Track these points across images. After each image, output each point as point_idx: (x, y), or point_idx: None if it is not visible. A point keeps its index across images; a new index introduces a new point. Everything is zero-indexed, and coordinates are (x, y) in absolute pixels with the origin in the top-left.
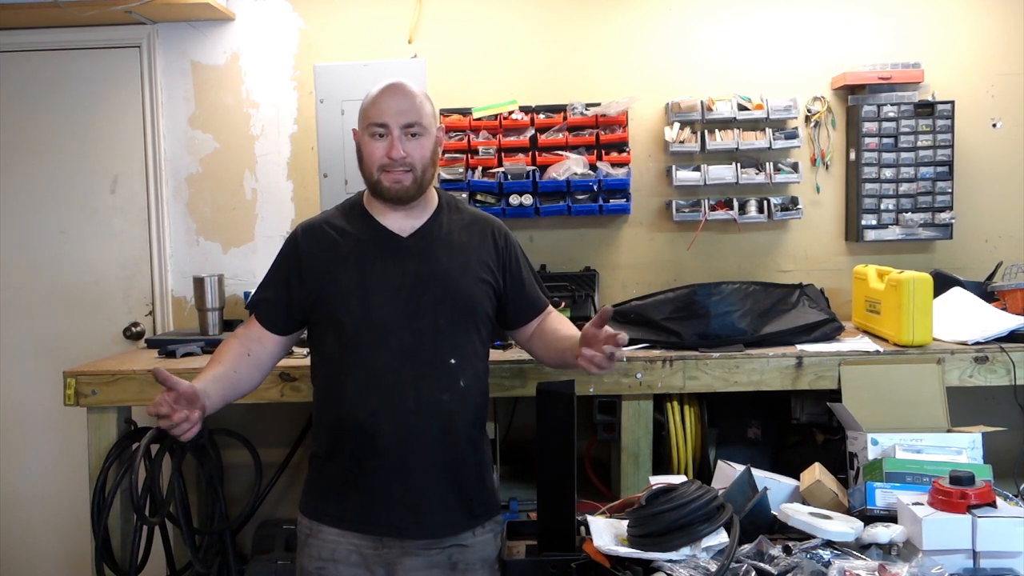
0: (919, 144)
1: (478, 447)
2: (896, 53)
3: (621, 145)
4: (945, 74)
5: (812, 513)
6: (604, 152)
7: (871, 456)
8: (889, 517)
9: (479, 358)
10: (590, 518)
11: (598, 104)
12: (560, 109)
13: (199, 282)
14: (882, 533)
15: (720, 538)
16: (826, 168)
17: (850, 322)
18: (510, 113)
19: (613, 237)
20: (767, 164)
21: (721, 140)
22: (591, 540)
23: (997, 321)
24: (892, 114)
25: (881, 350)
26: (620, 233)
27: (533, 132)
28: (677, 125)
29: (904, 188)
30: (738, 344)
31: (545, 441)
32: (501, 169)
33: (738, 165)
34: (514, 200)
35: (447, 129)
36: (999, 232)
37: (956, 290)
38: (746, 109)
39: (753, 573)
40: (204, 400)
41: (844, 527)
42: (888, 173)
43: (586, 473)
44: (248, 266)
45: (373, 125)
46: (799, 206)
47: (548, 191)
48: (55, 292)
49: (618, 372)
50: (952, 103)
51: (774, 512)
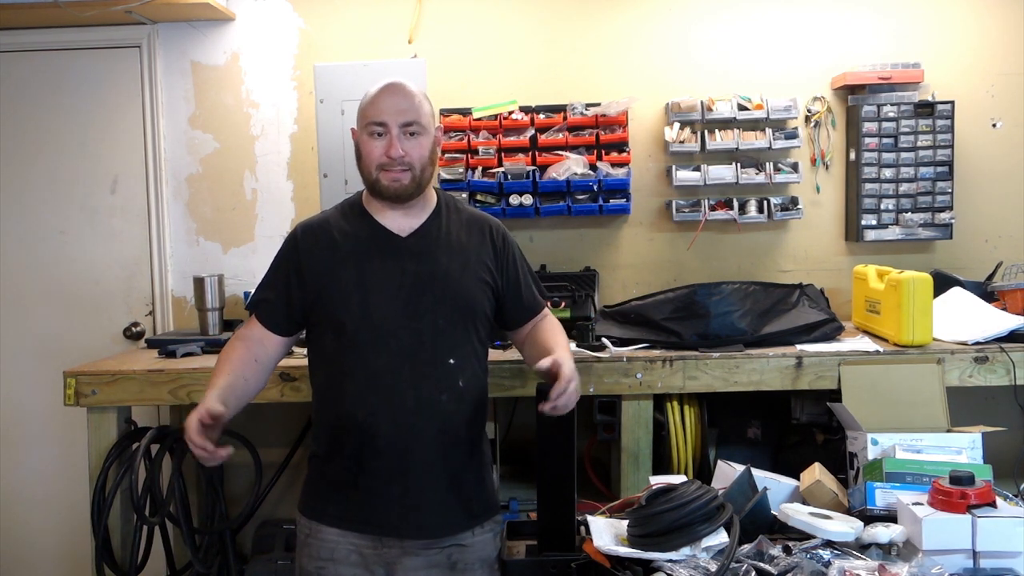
0: (919, 144)
1: (477, 447)
2: (896, 53)
3: (621, 145)
4: (945, 74)
5: (812, 513)
6: (604, 152)
7: (871, 456)
8: (889, 517)
9: (478, 358)
10: (590, 518)
11: (598, 104)
12: (560, 109)
13: (199, 282)
14: (882, 533)
15: (720, 538)
16: (826, 168)
17: (850, 322)
18: (510, 113)
19: (613, 237)
20: (767, 164)
21: (721, 140)
22: (591, 540)
23: (997, 321)
24: (892, 114)
25: (881, 350)
26: (620, 233)
27: (533, 132)
28: (677, 125)
29: (904, 188)
30: (738, 344)
31: (545, 441)
32: (501, 169)
33: (738, 165)
34: (514, 200)
35: (447, 129)
36: (999, 232)
37: (956, 290)
38: (746, 109)
39: (753, 573)
40: (226, 417)
41: (844, 527)
42: (888, 173)
43: (586, 473)
44: (248, 266)
45: (371, 124)
46: (799, 206)
47: (548, 191)
48: (55, 292)
49: (618, 372)
50: (952, 103)
51: (774, 512)
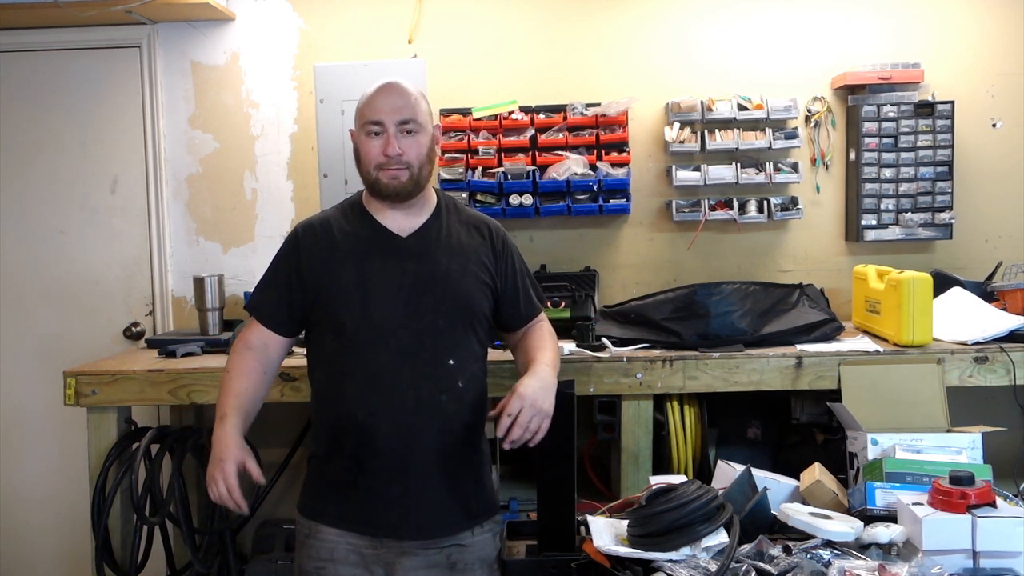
0: (919, 144)
1: (476, 447)
2: (896, 53)
3: (621, 145)
4: (945, 74)
5: (812, 513)
6: (604, 152)
7: (871, 456)
8: (889, 517)
9: (477, 359)
10: (590, 518)
11: (598, 104)
12: (560, 109)
13: (199, 282)
14: (882, 533)
15: (720, 538)
16: (826, 168)
17: (850, 322)
18: (510, 113)
19: (613, 237)
20: (767, 164)
21: (721, 140)
22: (591, 540)
23: (997, 321)
24: (892, 114)
25: (881, 350)
26: (620, 233)
27: (533, 132)
28: (677, 125)
29: (904, 188)
30: (738, 344)
31: (545, 441)
32: (501, 169)
33: (738, 165)
34: (514, 200)
35: (447, 129)
36: (999, 232)
37: (956, 290)
38: (746, 109)
39: (753, 573)
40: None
41: (844, 527)
42: (888, 173)
43: (586, 473)
44: (248, 266)
45: (369, 123)
46: (799, 206)
47: (548, 191)
48: (55, 292)
49: (618, 372)
50: (952, 103)
51: (774, 512)
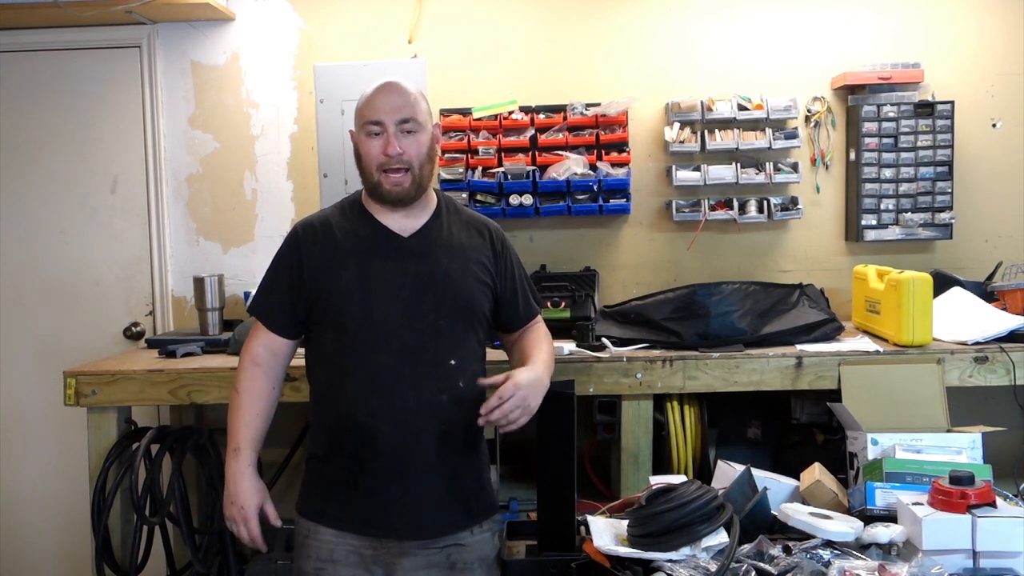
0: (919, 144)
1: (476, 447)
2: (896, 53)
3: (621, 145)
4: (945, 74)
5: (812, 513)
6: (604, 152)
7: (871, 456)
8: (889, 517)
9: (477, 359)
10: (590, 518)
11: (598, 104)
12: (560, 109)
13: (199, 282)
14: (882, 533)
15: (720, 538)
16: (826, 168)
17: (850, 322)
18: (510, 113)
19: (613, 237)
20: (767, 164)
21: (721, 140)
22: (591, 540)
23: (997, 321)
24: (892, 114)
25: (881, 350)
26: (620, 233)
27: (533, 132)
28: (677, 125)
29: (904, 188)
30: (738, 344)
31: (545, 441)
32: (501, 169)
33: (738, 165)
34: (514, 200)
35: (447, 129)
36: (999, 232)
37: (956, 290)
38: (746, 109)
39: (753, 573)
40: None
41: (844, 527)
42: (888, 173)
43: (586, 473)
44: (248, 266)
45: (368, 123)
46: (799, 206)
47: (548, 191)
48: (55, 292)
49: (618, 372)
50: (952, 103)
51: (774, 512)
